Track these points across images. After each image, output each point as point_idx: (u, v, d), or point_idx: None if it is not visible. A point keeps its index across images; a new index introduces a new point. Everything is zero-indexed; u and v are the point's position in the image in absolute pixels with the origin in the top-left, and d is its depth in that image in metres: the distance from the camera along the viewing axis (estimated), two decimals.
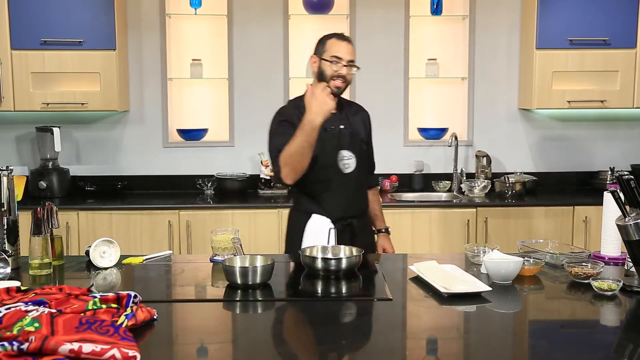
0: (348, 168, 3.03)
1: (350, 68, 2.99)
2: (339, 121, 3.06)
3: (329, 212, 2.99)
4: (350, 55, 2.98)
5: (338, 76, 2.96)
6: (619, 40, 4.46)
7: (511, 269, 2.34)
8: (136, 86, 4.79)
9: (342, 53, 2.96)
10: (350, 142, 3.05)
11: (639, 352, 1.80)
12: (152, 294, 2.27)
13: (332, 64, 2.95)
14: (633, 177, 2.28)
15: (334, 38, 3.00)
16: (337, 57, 2.95)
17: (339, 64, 2.95)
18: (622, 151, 4.94)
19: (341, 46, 2.97)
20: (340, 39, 3.00)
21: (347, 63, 2.97)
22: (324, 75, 2.97)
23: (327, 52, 2.97)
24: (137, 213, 4.26)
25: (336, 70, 2.95)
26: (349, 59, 2.97)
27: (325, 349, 1.82)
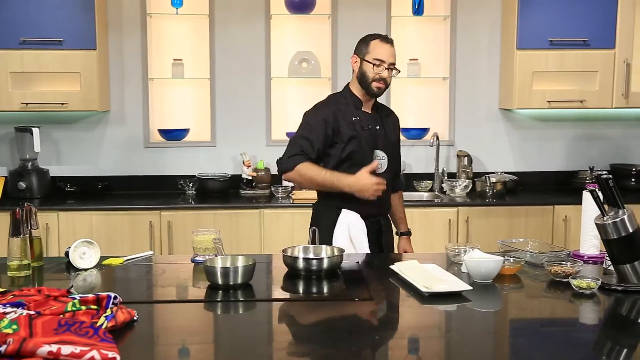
0: (381, 168, 3.07)
1: (391, 71, 3.02)
2: (375, 121, 3.12)
3: (360, 208, 3.03)
4: (392, 58, 3.01)
5: (380, 79, 2.99)
6: (598, 41, 4.50)
7: (491, 268, 2.36)
8: (117, 86, 4.76)
9: (385, 56, 2.99)
10: (384, 143, 3.11)
11: (617, 349, 1.82)
12: (132, 295, 2.26)
13: (374, 67, 2.98)
14: (611, 177, 2.30)
15: (377, 39, 3.02)
16: (380, 60, 2.98)
17: (381, 66, 2.98)
18: (601, 151, 4.98)
19: (384, 49, 3.00)
20: (384, 41, 3.02)
21: (388, 66, 3.00)
22: (365, 77, 3.02)
23: (370, 54, 3.00)
24: (118, 214, 4.24)
25: (378, 73, 2.98)
26: (391, 62, 3.00)
27: (306, 349, 1.82)
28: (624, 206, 2.30)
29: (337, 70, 4.80)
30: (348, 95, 3.12)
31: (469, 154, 4.82)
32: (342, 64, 4.81)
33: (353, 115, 3.06)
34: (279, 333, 1.97)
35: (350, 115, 3.05)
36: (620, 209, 2.29)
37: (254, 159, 4.78)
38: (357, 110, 3.08)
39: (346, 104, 3.09)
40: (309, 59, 4.79)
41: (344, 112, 3.05)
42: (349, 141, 3.01)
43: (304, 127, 3.05)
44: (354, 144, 3.01)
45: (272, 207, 4.30)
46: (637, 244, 2.26)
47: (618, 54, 4.51)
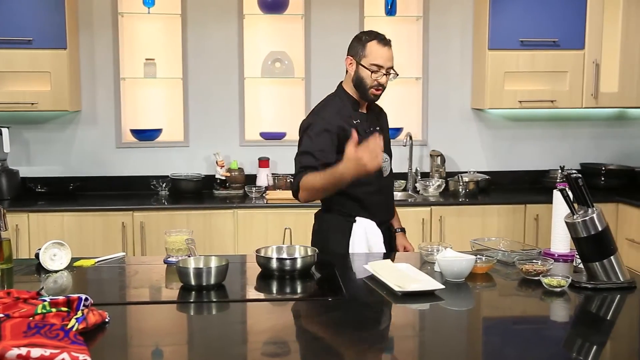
0: (386, 171, 2.97)
1: (389, 75, 2.84)
2: (373, 122, 2.97)
3: (374, 215, 2.92)
4: (390, 62, 2.83)
5: (378, 85, 2.83)
6: (568, 42, 4.56)
7: (464, 267, 2.37)
8: (88, 86, 4.71)
9: (382, 60, 2.81)
10: (385, 144, 2.91)
11: (587, 346, 1.85)
12: (104, 297, 2.24)
13: (372, 74, 2.81)
14: (581, 176, 2.33)
15: (374, 41, 2.82)
16: (378, 65, 2.80)
17: (379, 72, 2.81)
18: (572, 150, 5.04)
19: (382, 52, 2.81)
20: (382, 43, 2.83)
21: (386, 71, 2.83)
22: (362, 82, 2.84)
23: (366, 58, 2.81)
24: (90, 214, 4.20)
25: (375, 79, 2.82)
26: (389, 66, 2.83)
27: (279, 349, 1.82)
28: (594, 205, 2.33)
29: (311, 70, 4.80)
30: (345, 98, 2.93)
31: (442, 153, 4.86)
32: (315, 64, 4.81)
33: (353, 117, 2.89)
34: (253, 333, 1.97)
35: (350, 118, 2.88)
36: (590, 207, 2.32)
37: (227, 159, 4.76)
38: (355, 113, 2.92)
39: (344, 106, 2.91)
40: (282, 59, 4.78)
41: (345, 116, 2.87)
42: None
43: (306, 141, 2.84)
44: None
45: (246, 208, 4.29)
46: (606, 242, 2.29)
47: (587, 55, 4.57)
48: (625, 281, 2.30)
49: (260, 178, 4.73)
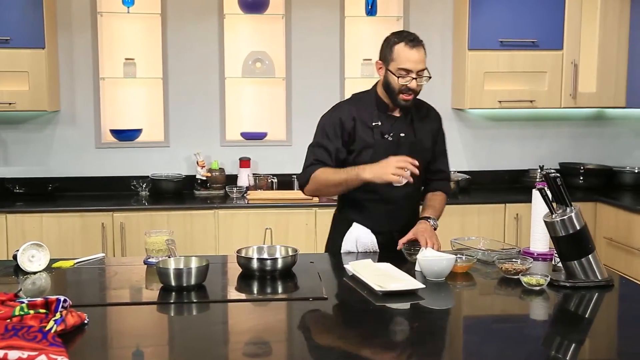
0: (399, 182, 2.70)
1: (421, 78, 2.68)
2: (401, 128, 2.79)
3: (371, 223, 2.83)
4: (421, 64, 2.66)
5: (407, 90, 2.68)
6: (547, 42, 4.59)
7: (444, 267, 2.38)
8: (67, 86, 4.67)
9: (411, 64, 2.64)
10: (409, 151, 2.71)
11: (565, 344, 1.86)
12: (84, 298, 2.23)
13: (399, 79, 2.66)
14: (559, 175, 2.35)
15: (402, 43, 2.65)
16: (406, 69, 2.65)
17: (407, 77, 2.65)
18: (551, 150, 5.08)
19: (411, 55, 2.64)
20: (410, 45, 2.65)
21: (417, 75, 2.66)
22: (390, 87, 2.70)
23: (394, 61, 2.66)
24: (69, 215, 4.16)
25: (404, 84, 2.66)
26: (420, 69, 2.67)
27: (260, 350, 1.82)
28: (572, 204, 2.35)
29: (291, 70, 4.80)
30: (373, 97, 2.81)
31: None
32: (296, 64, 4.81)
33: (374, 119, 2.76)
34: (234, 334, 1.97)
35: (370, 119, 2.76)
36: (568, 206, 2.34)
37: (208, 159, 4.75)
38: (380, 114, 2.78)
39: (369, 105, 2.79)
40: (262, 59, 4.78)
41: (364, 115, 2.76)
42: (363, 150, 2.74)
43: (319, 132, 2.79)
44: (369, 153, 2.72)
45: (226, 208, 4.28)
46: (584, 241, 2.32)
47: (566, 55, 4.60)
48: (603, 279, 2.32)
49: (241, 178, 4.72)
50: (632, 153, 5.10)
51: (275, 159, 4.86)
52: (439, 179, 3.00)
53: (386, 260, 2.58)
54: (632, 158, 5.08)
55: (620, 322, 2.13)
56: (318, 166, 2.73)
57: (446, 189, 3.02)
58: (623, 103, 4.70)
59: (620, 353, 1.84)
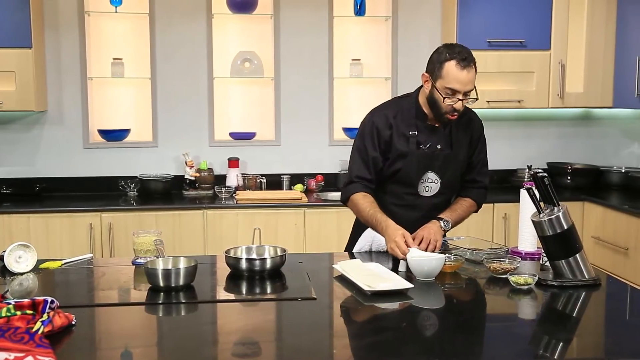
0: (428, 191, 2.75)
1: (467, 99, 2.60)
2: (438, 139, 2.73)
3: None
4: (469, 85, 2.57)
5: (452, 111, 2.60)
6: (535, 42, 4.61)
7: (433, 266, 2.39)
8: (54, 85, 4.65)
9: (460, 85, 2.55)
10: (443, 164, 2.72)
11: (553, 343, 1.87)
12: (72, 299, 2.22)
13: (445, 99, 2.58)
14: (547, 175, 2.36)
15: (453, 62, 2.55)
16: (454, 89, 2.56)
17: (453, 98, 2.57)
18: (539, 149, 5.10)
19: (461, 76, 2.54)
20: (461, 65, 2.54)
21: (463, 96, 2.58)
22: (435, 105, 2.63)
23: (442, 79, 2.57)
24: (57, 216, 4.14)
25: (450, 104, 2.58)
26: (468, 90, 2.58)
27: (249, 350, 1.81)
28: (559, 203, 2.36)
29: (280, 70, 4.80)
30: (414, 104, 2.74)
31: None
32: (284, 64, 4.81)
33: (411, 128, 2.70)
34: (223, 334, 1.96)
35: (408, 127, 2.71)
36: (556, 206, 2.35)
37: (196, 159, 4.73)
38: (419, 123, 2.72)
39: (408, 112, 2.73)
40: (251, 59, 4.77)
41: (402, 123, 2.71)
42: (397, 159, 2.70)
43: (360, 136, 2.75)
44: (402, 162, 2.69)
45: (215, 208, 4.27)
46: (572, 240, 2.33)
47: (553, 55, 4.62)
48: (590, 278, 2.33)
49: (229, 178, 4.71)
50: (619, 153, 5.13)
51: (264, 159, 4.86)
52: (474, 187, 2.92)
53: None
54: (619, 158, 5.11)
55: (607, 320, 2.14)
56: (357, 186, 2.74)
57: (478, 198, 2.93)
58: (610, 103, 4.73)
59: (607, 352, 1.86)
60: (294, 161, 4.88)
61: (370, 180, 2.76)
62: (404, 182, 2.75)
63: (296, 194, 4.49)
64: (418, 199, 2.77)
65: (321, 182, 4.78)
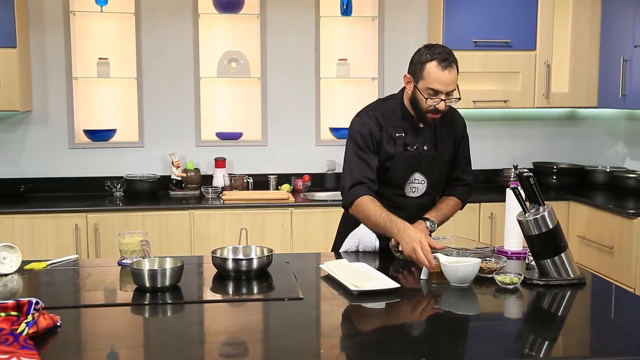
0: (415, 192, 2.77)
1: (449, 99, 2.62)
2: (424, 140, 2.75)
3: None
4: (451, 85, 2.58)
5: (434, 111, 2.61)
6: (520, 43, 4.63)
7: (469, 272, 2.31)
8: (39, 85, 4.62)
9: (442, 86, 2.56)
10: (429, 165, 2.75)
11: (539, 342, 1.88)
12: (57, 300, 2.21)
13: (427, 99, 2.59)
14: (532, 174, 2.38)
15: (434, 62, 2.56)
16: (435, 90, 2.57)
17: (436, 98, 2.58)
18: (525, 149, 5.13)
19: (442, 76, 2.55)
20: (442, 66, 2.56)
21: (445, 96, 2.59)
22: (417, 105, 2.63)
23: (424, 80, 2.58)
24: (42, 216, 4.11)
25: (433, 104, 2.59)
26: (450, 90, 2.60)
27: (236, 350, 1.81)
28: (545, 203, 2.37)
29: (267, 70, 4.79)
30: (399, 107, 2.74)
31: None
32: (271, 64, 4.80)
33: (398, 130, 2.71)
34: (210, 335, 1.96)
35: (395, 129, 2.71)
36: (541, 205, 2.37)
37: (183, 159, 4.72)
38: (405, 124, 2.73)
39: (395, 114, 2.73)
40: (238, 59, 4.76)
41: (389, 125, 2.71)
42: (386, 161, 2.71)
43: (357, 142, 2.70)
44: (390, 164, 2.70)
45: (202, 208, 4.26)
46: (557, 239, 2.34)
47: (539, 56, 4.65)
48: (575, 277, 2.35)
49: (216, 178, 4.70)
50: (604, 152, 5.16)
51: (250, 159, 4.85)
52: (458, 185, 2.93)
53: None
54: (603, 157, 5.15)
55: (592, 319, 2.16)
56: (362, 188, 2.66)
57: (463, 196, 2.94)
58: (595, 103, 4.76)
59: (592, 350, 1.87)
60: (281, 161, 4.88)
61: (374, 181, 2.70)
62: (391, 183, 2.75)
63: (283, 194, 4.49)
64: (405, 199, 2.78)
65: (308, 182, 4.78)
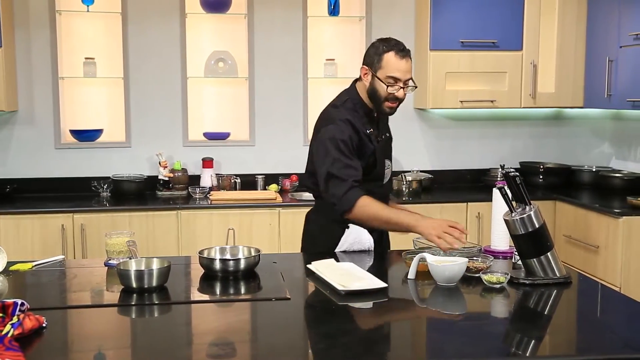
0: (387, 178, 2.90)
1: (406, 87, 2.72)
2: (383, 127, 2.91)
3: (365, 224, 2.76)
4: (408, 74, 2.70)
5: (393, 99, 2.72)
6: (507, 43, 4.65)
7: (456, 272, 2.31)
8: (25, 85, 4.59)
9: (401, 73, 2.67)
10: (390, 148, 2.97)
11: (525, 341, 1.89)
12: (43, 301, 2.19)
13: (388, 87, 2.69)
14: (518, 174, 2.39)
15: (392, 52, 2.68)
16: (395, 78, 2.68)
17: (395, 86, 2.69)
18: (512, 149, 5.15)
19: (400, 65, 2.67)
20: (400, 55, 2.68)
21: (404, 84, 2.70)
22: (376, 95, 2.73)
23: (382, 69, 2.68)
24: (28, 217, 4.09)
25: (392, 92, 2.70)
26: (408, 78, 2.71)
27: (224, 351, 1.81)
28: (531, 202, 2.39)
29: (254, 70, 4.79)
30: (358, 105, 2.81)
31: None
32: (259, 64, 4.79)
33: (366, 127, 2.80)
34: (197, 335, 1.96)
35: (363, 127, 2.79)
36: (528, 205, 2.38)
37: (170, 159, 4.70)
38: (367, 119, 2.82)
39: (359, 112, 2.80)
40: (225, 59, 4.75)
41: (358, 125, 2.77)
42: (369, 157, 2.78)
43: (340, 148, 2.68)
44: (373, 160, 2.79)
45: (189, 209, 4.24)
46: (543, 239, 2.35)
47: (525, 56, 4.67)
48: (561, 277, 2.36)
49: (204, 178, 4.69)
50: (590, 152, 5.19)
51: (238, 159, 4.85)
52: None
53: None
54: (589, 157, 5.18)
55: (578, 318, 2.17)
56: (358, 190, 2.65)
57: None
58: (581, 103, 4.79)
59: (579, 349, 1.88)
60: (269, 161, 4.87)
61: (361, 182, 2.70)
62: (374, 177, 2.83)
63: (271, 194, 4.49)
64: (381, 188, 2.89)
65: (296, 182, 4.78)
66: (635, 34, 4.13)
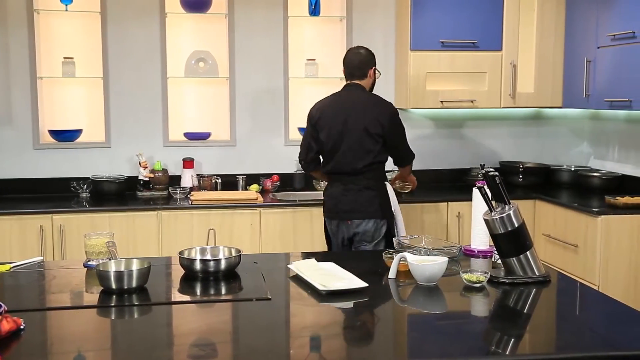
0: None
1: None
2: None
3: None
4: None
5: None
6: (487, 43, 4.68)
7: (436, 271, 2.33)
8: (3, 85, 4.54)
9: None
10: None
11: (505, 339, 1.91)
12: (21, 303, 2.18)
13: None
14: (498, 174, 2.40)
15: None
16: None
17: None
18: (492, 149, 5.18)
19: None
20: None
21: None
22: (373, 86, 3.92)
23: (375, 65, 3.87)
24: (6, 218, 4.04)
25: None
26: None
27: (204, 352, 1.80)
28: (510, 202, 2.40)
29: (235, 70, 4.78)
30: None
31: None
32: (239, 64, 4.78)
33: None
34: (178, 336, 1.95)
35: None
36: (507, 204, 2.39)
37: (150, 159, 4.68)
38: None
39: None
40: (206, 59, 4.74)
41: None
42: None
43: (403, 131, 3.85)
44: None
45: (170, 209, 4.22)
46: (522, 238, 2.37)
47: (505, 56, 4.70)
48: (540, 275, 2.38)
49: (184, 179, 4.67)
50: (569, 152, 5.24)
51: (219, 159, 4.83)
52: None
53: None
54: (568, 156, 5.22)
55: (558, 316, 2.19)
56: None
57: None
58: (560, 103, 4.83)
59: (558, 347, 1.90)
60: (250, 161, 4.86)
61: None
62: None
63: (252, 194, 4.48)
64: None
65: (277, 182, 4.77)
66: (613, 34, 4.17)
